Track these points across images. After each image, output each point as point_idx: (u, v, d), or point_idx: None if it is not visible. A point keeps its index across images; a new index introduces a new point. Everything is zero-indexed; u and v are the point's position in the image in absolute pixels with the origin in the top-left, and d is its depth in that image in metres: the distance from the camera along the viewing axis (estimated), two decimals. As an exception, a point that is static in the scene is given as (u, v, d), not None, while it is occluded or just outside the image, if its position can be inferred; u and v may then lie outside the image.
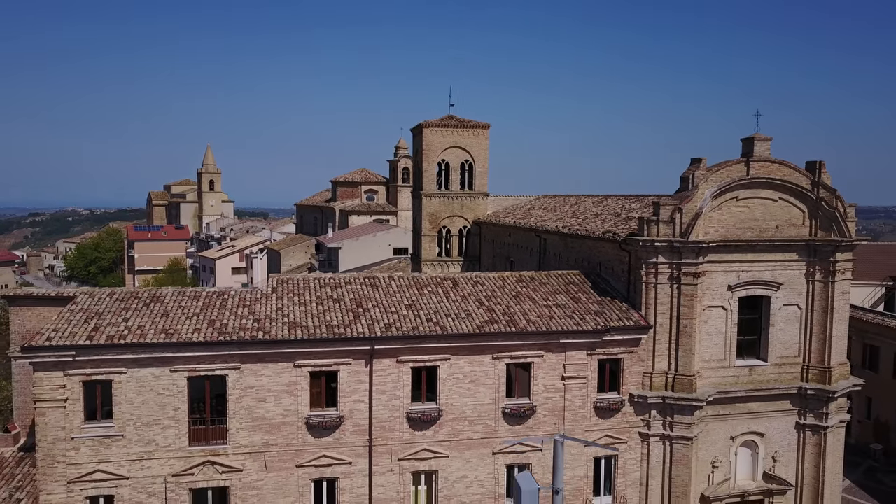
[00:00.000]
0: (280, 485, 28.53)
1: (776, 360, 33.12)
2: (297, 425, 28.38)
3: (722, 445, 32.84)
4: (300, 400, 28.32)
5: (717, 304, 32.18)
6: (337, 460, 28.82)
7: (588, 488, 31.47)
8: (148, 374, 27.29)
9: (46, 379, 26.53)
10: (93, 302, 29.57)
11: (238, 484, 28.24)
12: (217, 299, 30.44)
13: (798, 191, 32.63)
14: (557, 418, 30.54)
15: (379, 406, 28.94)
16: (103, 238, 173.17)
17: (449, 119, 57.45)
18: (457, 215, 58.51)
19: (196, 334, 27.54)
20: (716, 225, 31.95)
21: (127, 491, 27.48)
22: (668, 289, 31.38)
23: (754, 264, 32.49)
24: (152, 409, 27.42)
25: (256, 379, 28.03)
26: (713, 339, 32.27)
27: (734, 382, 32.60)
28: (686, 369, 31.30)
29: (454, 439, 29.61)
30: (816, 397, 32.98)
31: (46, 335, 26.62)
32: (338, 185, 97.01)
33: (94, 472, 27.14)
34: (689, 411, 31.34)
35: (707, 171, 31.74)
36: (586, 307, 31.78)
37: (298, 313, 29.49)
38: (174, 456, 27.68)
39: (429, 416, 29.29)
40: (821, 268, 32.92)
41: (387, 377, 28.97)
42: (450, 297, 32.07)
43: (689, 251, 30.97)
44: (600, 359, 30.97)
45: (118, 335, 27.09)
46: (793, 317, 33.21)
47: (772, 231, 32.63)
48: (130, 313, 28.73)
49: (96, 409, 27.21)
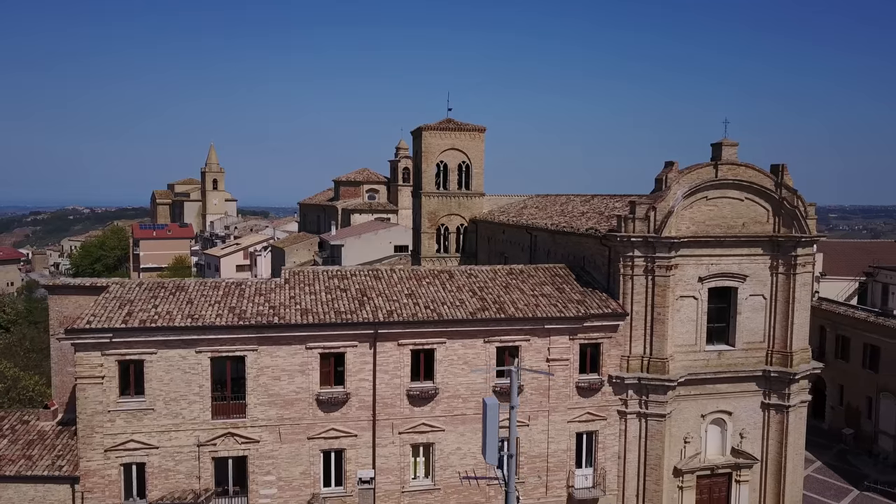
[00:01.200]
0: (293, 455, 31.97)
1: (743, 345, 36.56)
2: (308, 401, 31.83)
3: (693, 423, 36.28)
4: (311, 378, 31.77)
5: (688, 294, 35.63)
6: (344, 433, 32.27)
7: (571, 461, 34.90)
8: (175, 355, 30.74)
9: (86, 358, 29.99)
10: (124, 291, 33.03)
11: (255, 453, 31.69)
12: (235, 289, 33.91)
13: (762, 191, 36.07)
14: (543, 396, 33.99)
15: (382, 384, 32.39)
16: (108, 236, 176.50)
17: (447, 122, 60.90)
18: (454, 214, 61.98)
19: (218, 319, 31.00)
20: (687, 222, 35.38)
21: (157, 459, 30.93)
22: (643, 280, 34.82)
23: (723, 258, 35.94)
24: (179, 386, 30.87)
25: (272, 359, 31.48)
26: (685, 325, 35.70)
27: (704, 365, 36.04)
28: (660, 353, 34.74)
29: (449, 415, 33.06)
30: (779, 379, 36.42)
31: (86, 319, 30.08)
32: (340, 185, 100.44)
33: (127, 441, 30.59)
34: (662, 391, 34.78)
35: (679, 174, 35.18)
36: (569, 296, 35.23)
37: (309, 301, 32.95)
38: (199, 428, 31.13)
39: (427, 394, 32.74)
40: (783, 261, 36.35)
41: (389, 358, 32.42)
42: (446, 287, 35.52)
43: (662, 246, 34.40)
44: (581, 343, 34.42)
45: (149, 320, 30.55)
46: (758, 306, 36.65)
47: (739, 228, 36.07)
48: (159, 301, 32.19)
49: (130, 386, 30.65)
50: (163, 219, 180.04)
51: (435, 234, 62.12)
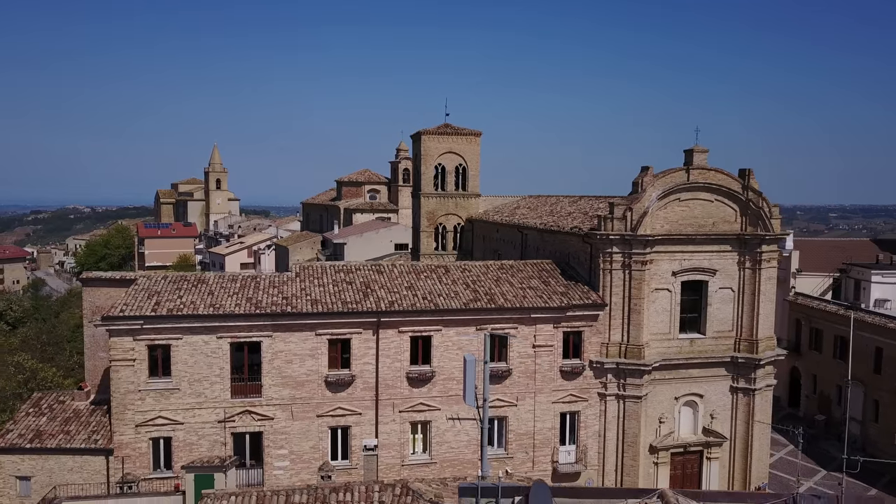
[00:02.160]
0: (304, 430, 35.70)
1: (713, 333, 40.31)
2: (317, 382, 35.58)
3: (667, 404, 40.02)
4: (320, 362, 35.52)
5: (662, 287, 39.37)
6: (349, 411, 36.02)
7: (556, 438, 38.64)
8: (199, 340, 34.48)
9: (119, 343, 33.75)
10: (151, 283, 36.78)
11: (270, 429, 35.43)
12: (251, 281, 37.67)
13: (730, 193, 39.81)
14: (529, 379, 37.75)
15: (384, 367, 36.13)
16: (113, 235, 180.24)
17: (445, 127, 64.65)
18: (452, 213, 65.72)
19: (237, 308, 34.75)
20: (661, 221, 39.11)
21: (182, 434, 34.67)
22: (621, 274, 38.56)
23: (694, 254, 39.69)
24: (202, 368, 34.60)
25: (285, 345, 35.22)
26: (660, 315, 39.44)
27: (677, 352, 39.78)
28: (636, 340, 38.49)
29: (445, 395, 36.79)
30: (746, 365, 40.17)
31: (119, 308, 33.83)
32: (342, 185, 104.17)
33: (156, 418, 34.33)
34: (638, 375, 38.52)
35: (654, 178, 38.91)
36: (554, 289, 38.98)
37: (318, 292, 36.70)
38: (219, 406, 34.87)
39: (424, 376, 36.50)
40: (749, 257, 40.09)
41: (390, 344, 36.16)
42: (442, 280, 39.27)
43: (638, 243, 38.14)
44: (565, 331, 38.17)
45: (175, 308, 34.30)
46: (727, 298, 40.40)
47: (709, 227, 39.81)
48: (183, 292, 35.94)
49: (158, 368, 34.39)
50: (166, 218, 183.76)
51: (433, 232, 65.86)
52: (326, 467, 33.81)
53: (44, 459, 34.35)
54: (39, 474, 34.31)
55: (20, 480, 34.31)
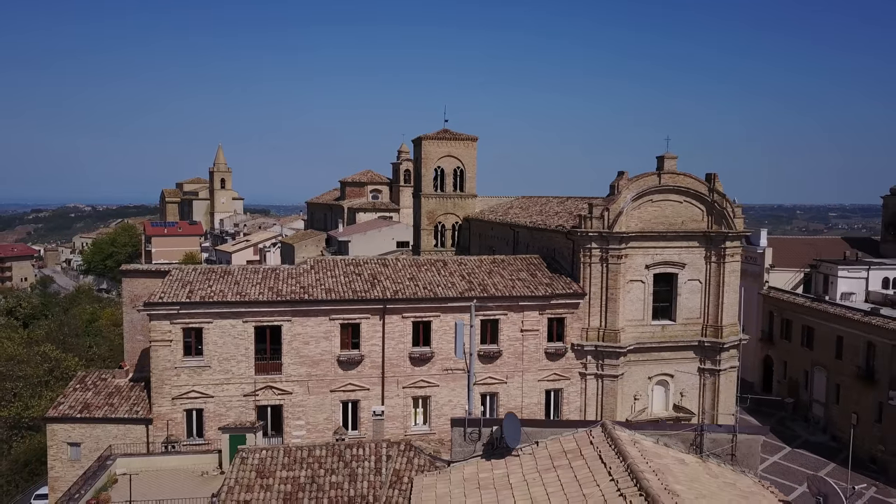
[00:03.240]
0: (318, 404, 40.93)
1: (682, 320, 45.54)
2: (331, 361, 40.81)
3: (641, 383, 45.25)
4: (333, 343, 40.75)
5: (637, 278, 44.60)
6: (359, 387, 41.26)
7: (541, 412, 43.87)
8: (227, 324, 39.70)
9: (158, 326, 38.97)
10: (183, 274, 42.01)
11: (289, 403, 40.65)
12: (272, 273, 42.91)
13: (698, 195, 45.03)
14: (518, 360, 42.97)
15: (389, 349, 41.37)
16: (119, 233, 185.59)
17: (444, 133, 69.92)
18: (450, 213, 70.97)
19: (260, 296, 39.97)
20: (635, 220, 44.33)
21: (212, 406, 39.89)
22: (599, 267, 43.79)
23: (665, 249, 44.91)
24: (230, 349, 39.82)
25: (302, 328, 40.45)
26: (634, 304, 44.67)
27: (650, 337, 45.01)
28: (613, 326, 43.71)
29: (443, 373, 42.02)
30: (712, 348, 45.40)
31: (158, 295, 39.05)
32: (346, 185, 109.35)
33: (189, 392, 39.55)
34: (615, 356, 43.75)
35: (628, 181, 44.14)
36: (540, 280, 44.21)
37: (331, 283, 41.93)
38: (244, 382, 40.08)
39: (424, 357, 41.74)
40: (715, 252, 45.31)
41: (395, 328, 41.40)
42: (441, 273, 44.50)
43: (614, 240, 43.36)
44: (549, 317, 43.39)
45: (207, 296, 39.52)
46: (695, 289, 45.62)
47: (678, 225, 45.03)
48: (212, 282, 41.17)
49: (191, 348, 39.60)
50: (172, 216, 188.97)
51: (433, 230, 71.11)
52: (340, 431, 39.06)
53: (91, 428, 39.57)
54: (88, 441, 39.53)
55: (71, 446, 39.53)
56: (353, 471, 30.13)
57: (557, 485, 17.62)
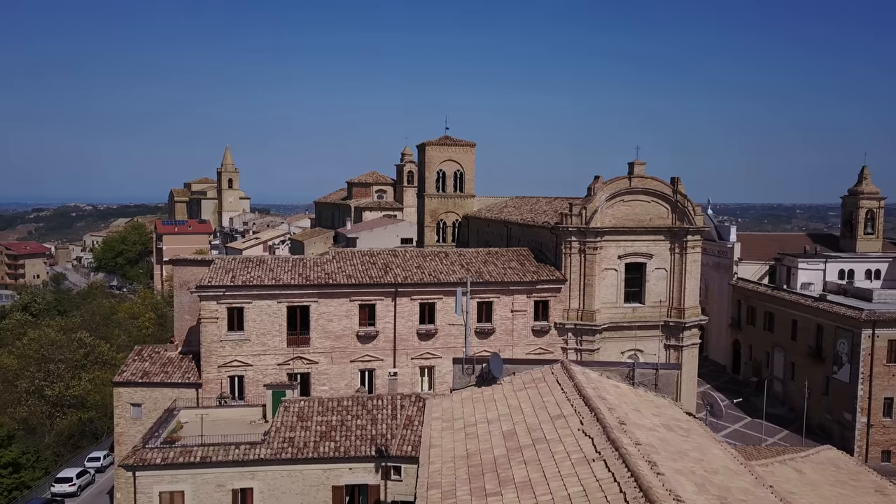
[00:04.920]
0: (340, 372, 49.17)
1: (650, 303, 53.80)
2: (350, 336, 49.05)
3: (615, 357, 53.40)
4: (353, 321, 49.00)
5: (611, 267, 52.86)
6: (374, 358, 49.51)
7: (529, 382, 52.05)
8: (264, 304, 47.96)
9: (207, 305, 47.20)
10: (226, 263, 50.32)
11: (315, 371, 48.89)
12: (299, 262, 51.20)
13: (663, 195, 53.29)
14: (509, 336, 51.23)
15: (400, 325, 49.62)
16: (129, 232, 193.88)
17: (445, 139, 78.29)
18: (451, 211, 79.26)
19: (292, 281, 48.21)
20: (609, 217, 52.59)
21: (251, 373, 48.12)
22: (578, 257, 52.05)
23: (635, 242, 53.18)
24: (266, 325, 48.05)
25: (327, 308, 48.69)
26: (608, 289, 52.93)
27: (622, 317, 53.25)
28: (590, 307, 51.96)
29: (445, 347, 50.25)
30: (676, 327, 53.64)
31: (207, 280, 47.29)
32: (353, 186, 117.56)
33: (232, 361, 47.79)
34: (591, 333, 51.98)
35: (603, 184, 52.42)
36: (528, 268, 52.50)
37: (350, 270, 50.21)
38: (278, 353, 48.30)
39: (430, 332, 50.00)
40: (678, 245, 53.57)
41: (404, 308, 49.65)
42: (443, 262, 52.77)
43: (591, 234, 51.61)
44: (536, 299, 51.65)
45: (247, 280, 47.78)
46: (661, 276, 53.88)
47: (647, 221, 53.28)
48: (250, 269, 49.44)
49: (234, 324, 47.82)
50: (180, 215, 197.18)
51: (435, 227, 79.40)
52: (360, 390, 47.37)
53: (150, 391, 47.81)
54: (147, 402, 47.77)
55: (133, 406, 47.77)
56: (374, 416, 38.58)
57: (527, 397, 25.81)
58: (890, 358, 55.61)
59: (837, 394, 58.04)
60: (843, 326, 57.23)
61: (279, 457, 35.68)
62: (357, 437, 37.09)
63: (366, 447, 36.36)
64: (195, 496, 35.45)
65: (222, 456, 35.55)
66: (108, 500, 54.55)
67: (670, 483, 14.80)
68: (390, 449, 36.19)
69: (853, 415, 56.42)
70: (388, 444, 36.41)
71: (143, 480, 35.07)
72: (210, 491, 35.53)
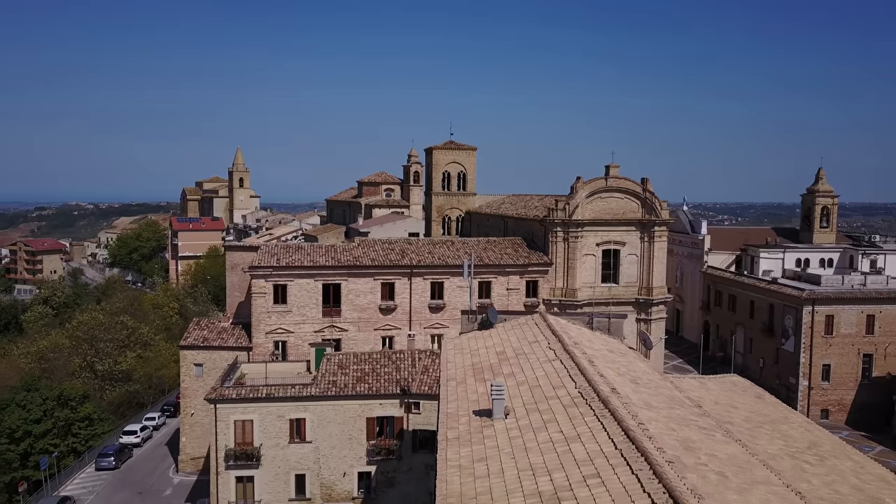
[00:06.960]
0: (365, 338, 60.65)
1: (624, 283, 65.31)
2: (374, 309, 60.56)
3: (594, 329, 64.83)
4: (376, 296, 60.53)
5: (590, 253, 64.38)
6: (393, 327, 61.01)
7: (521, 348, 63.60)
8: (303, 282, 59.46)
9: (257, 283, 58.73)
10: (271, 248, 61.92)
11: (345, 337, 60.38)
12: (331, 248, 62.76)
13: (635, 193, 64.82)
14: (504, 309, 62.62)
15: (414, 300, 61.13)
16: (143, 229, 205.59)
17: (449, 143, 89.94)
18: (455, 208, 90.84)
19: (326, 263, 59.72)
20: (588, 211, 64.11)
21: (292, 339, 59.61)
22: (563, 245, 63.57)
23: (611, 232, 64.70)
24: (305, 299, 59.55)
25: (355, 285, 60.22)
26: (588, 271, 64.44)
27: (600, 294, 64.68)
28: (572, 286, 63.46)
29: (452, 318, 61.67)
30: (645, 304, 65.15)
31: (257, 261, 58.80)
32: (363, 185, 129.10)
33: (277, 328, 59.30)
34: (574, 308, 63.36)
35: (584, 184, 63.96)
36: (521, 254, 64.06)
37: (374, 254, 61.78)
38: (315, 322, 59.80)
39: (439, 307, 61.52)
40: (647, 234, 65.10)
41: (418, 286, 61.18)
42: (450, 249, 64.34)
43: (573, 225, 63.13)
44: (527, 280, 63.19)
45: (290, 262, 59.33)
46: (633, 261, 65.37)
47: (621, 214, 64.80)
48: (291, 253, 60.98)
49: (279, 298, 59.30)
50: (192, 213, 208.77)
51: (441, 221, 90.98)
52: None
53: (210, 353, 59.34)
54: (207, 362, 59.28)
55: (196, 366, 59.29)
56: (398, 366, 50.08)
57: (514, 334, 37.29)
58: (827, 331, 67.12)
59: (785, 362, 69.55)
60: (789, 305, 68.77)
61: (326, 394, 47.17)
62: (385, 380, 48.62)
63: (392, 387, 47.87)
64: (261, 424, 46.95)
65: (282, 393, 47.05)
66: (167, 450, 66.21)
67: (602, 371, 26.34)
68: (411, 388, 47.71)
69: (797, 379, 67.93)
70: (409, 385, 47.93)
71: (223, 411, 46.55)
72: (273, 420, 47.03)
